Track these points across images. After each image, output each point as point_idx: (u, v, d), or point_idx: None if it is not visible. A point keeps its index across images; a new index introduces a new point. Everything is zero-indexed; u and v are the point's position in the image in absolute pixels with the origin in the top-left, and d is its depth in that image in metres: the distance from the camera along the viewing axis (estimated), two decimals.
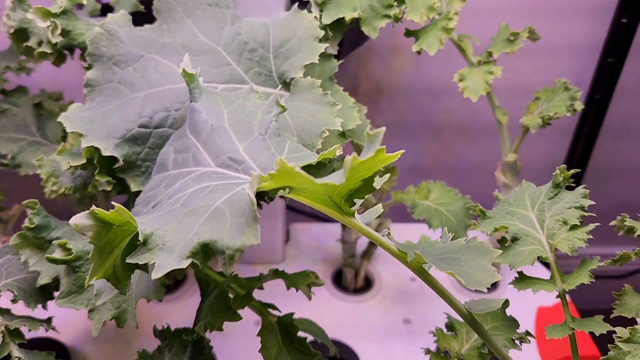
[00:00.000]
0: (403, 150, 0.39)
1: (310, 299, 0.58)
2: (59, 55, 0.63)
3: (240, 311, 0.53)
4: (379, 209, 0.47)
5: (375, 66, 1.06)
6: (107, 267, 0.40)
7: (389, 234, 0.46)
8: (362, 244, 0.89)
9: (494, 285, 0.90)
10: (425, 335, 0.60)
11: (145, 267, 0.44)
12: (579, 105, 0.69)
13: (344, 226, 0.83)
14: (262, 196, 0.65)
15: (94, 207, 0.37)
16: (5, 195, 0.83)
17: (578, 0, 0.98)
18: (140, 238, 0.37)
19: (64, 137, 0.74)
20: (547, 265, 1.11)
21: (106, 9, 0.66)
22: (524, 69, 1.01)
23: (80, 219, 0.37)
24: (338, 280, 0.90)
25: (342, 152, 0.49)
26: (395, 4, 0.62)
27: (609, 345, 0.50)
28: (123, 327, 0.51)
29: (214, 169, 0.46)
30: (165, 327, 0.50)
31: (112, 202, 0.37)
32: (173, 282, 0.87)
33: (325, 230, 1.00)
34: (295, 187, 0.38)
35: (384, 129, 0.36)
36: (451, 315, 0.58)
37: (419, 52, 0.68)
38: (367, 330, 0.82)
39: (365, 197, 0.41)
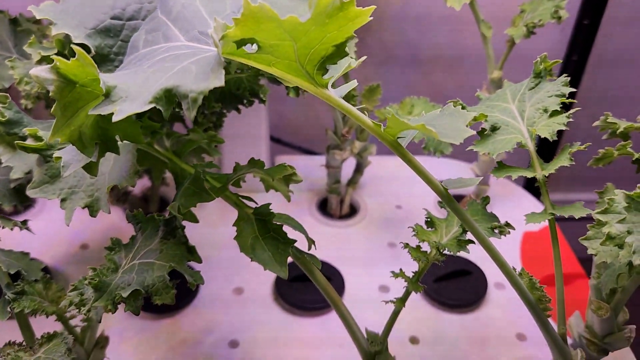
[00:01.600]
0: (375, 7, 0.38)
1: (289, 200, 0.57)
2: None
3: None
4: (354, 83, 0.46)
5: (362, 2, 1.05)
6: (73, 130, 0.39)
7: (364, 109, 0.45)
8: (347, 173, 0.88)
9: None
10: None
11: (114, 148, 0.44)
12: (564, 14, 0.68)
13: (328, 150, 0.82)
14: (241, 99, 0.64)
15: (56, 59, 0.36)
16: None
17: None
18: (103, 89, 0.36)
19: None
20: (532, 190, 1.11)
21: None
22: None
23: (41, 71, 0.36)
24: (323, 208, 0.90)
25: None
26: None
27: (587, 225, 0.49)
28: (96, 216, 0.50)
29: (184, 42, 0.45)
30: (138, 211, 0.49)
31: (73, 46, 0.36)
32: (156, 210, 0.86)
33: (310, 162, 0.99)
34: (262, 42, 0.37)
35: None
36: (430, 212, 0.57)
37: None
38: (351, 253, 0.81)
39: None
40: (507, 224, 0.54)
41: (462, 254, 0.80)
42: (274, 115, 1.04)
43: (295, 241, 0.50)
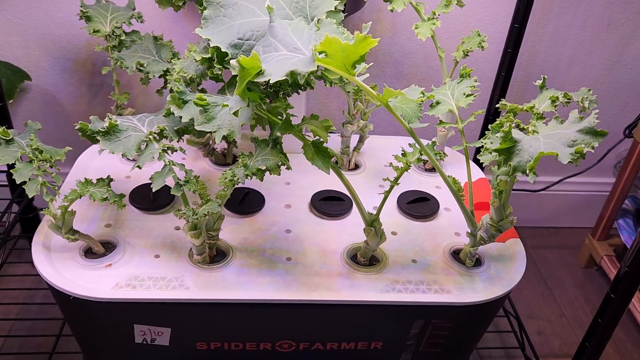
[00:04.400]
0: (379, 38, 0.85)
1: (327, 141, 1.04)
2: (183, 3, 1.10)
3: None
4: (366, 75, 0.93)
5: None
6: (239, 90, 0.87)
7: (374, 86, 0.92)
8: (353, 143, 1.36)
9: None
10: (397, 189, 1.05)
11: (247, 104, 0.91)
12: (486, 45, 1.17)
13: (343, 125, 1.30)
14: (300, 86, 1.11)
15: (242, 56, 0.83)
16: (128, 100, 1.29)
17: None
18: (262, 69, 0.83)
19: (172, 57, 1.20)
20: (477, 162, 1.56)
21: None
22: (457, 24, 1.49)
23: (233, 62, 0.83)
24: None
25: None
26: None
27: (481, 149, 0.97)
28: (232, 140, 0.96)
29: (286, 53, 0.92)
30: (256, 137, 0.96)
31: (225, 51, 0.83)
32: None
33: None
34: (328, 52, 0.85)
35: (370, 23, 0.83)
36: (403, 147, 1.04)
37: (391, 10, 1.15)
38: (358, 190, 1.29)
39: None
40: (444, 154, 1.01)
41: (424, 188, 1.28)
42: None
43: (333, 156, 0.97)
